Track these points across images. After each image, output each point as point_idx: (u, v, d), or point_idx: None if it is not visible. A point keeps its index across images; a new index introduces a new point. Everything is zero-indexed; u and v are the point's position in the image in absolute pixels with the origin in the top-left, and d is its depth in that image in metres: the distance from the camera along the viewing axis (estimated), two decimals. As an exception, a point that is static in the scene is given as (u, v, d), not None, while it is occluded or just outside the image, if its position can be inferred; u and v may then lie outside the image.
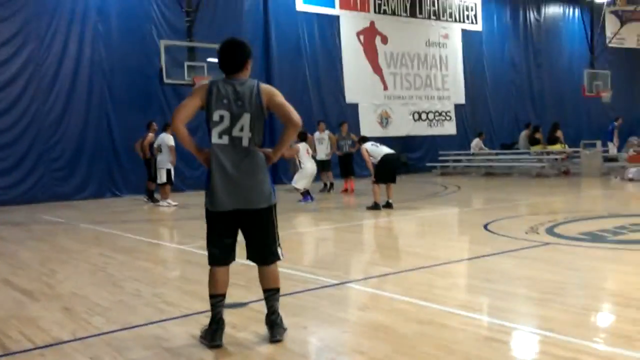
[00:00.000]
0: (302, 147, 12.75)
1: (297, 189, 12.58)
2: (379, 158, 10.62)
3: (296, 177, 12.72)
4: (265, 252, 3.74)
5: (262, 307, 4.44)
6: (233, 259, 3.74)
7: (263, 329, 3.81)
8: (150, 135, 13.61)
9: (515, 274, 5.31)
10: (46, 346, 3.79)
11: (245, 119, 3.60)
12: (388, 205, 10.56)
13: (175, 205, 12.72)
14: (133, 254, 7.19)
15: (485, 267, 5.66)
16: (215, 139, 3.59)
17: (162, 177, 12.81)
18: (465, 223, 9.13)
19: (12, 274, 6.12)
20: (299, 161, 12.71)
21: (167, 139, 12.63)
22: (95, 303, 4.79)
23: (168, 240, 8.73)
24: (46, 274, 6.09)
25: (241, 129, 3.59)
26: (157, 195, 13.54)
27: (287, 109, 3.65)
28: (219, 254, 3.68)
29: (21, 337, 3.98)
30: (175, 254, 7.36)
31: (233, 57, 3.71)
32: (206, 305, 4.12)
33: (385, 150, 10.78)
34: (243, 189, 3.58)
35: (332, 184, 14.94)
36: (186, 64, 15.66)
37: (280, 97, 3.70)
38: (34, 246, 8.05)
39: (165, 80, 15.44)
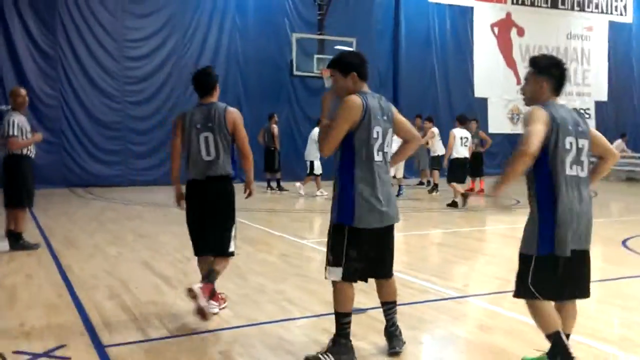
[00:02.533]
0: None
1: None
2: (454, 155, 11.19)
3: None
4: (388, 265, 3.75)
5: (381, 316, 4.50)
6: None
7: (381, 339, 3.85)
8: (274, 126, 14.07)
9: (654, 303, 4.92)
10: (181, 335, 4.10)
11: (390, 134, 3.63)
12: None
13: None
14: (257, 245, 7.54)
15: (620, 292, 5.30)
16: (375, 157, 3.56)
17: (317, 169, 13.23)
18: (599, 237, 8.49)
19: (152, 258, 6.68)
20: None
21: (314, 133, 12.92)
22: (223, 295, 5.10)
23: (290, 234, 9.03)
24: (181, 260, 6.56)
25: (388, 145, 3.62)
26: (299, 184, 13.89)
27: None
28: (361, 269, 3.55)
29: (159, 324, 4.34)
30: (296, 248, 7.60)
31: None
32: (325, 308, 4.26)
33: (461, 151, 11.27)
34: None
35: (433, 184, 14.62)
36: (316, 56, 15.98)
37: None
38: (171, 230, 8.68)
39: (295, 72, 15.88)
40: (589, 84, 21.71)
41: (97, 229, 8.71)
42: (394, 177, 12.87)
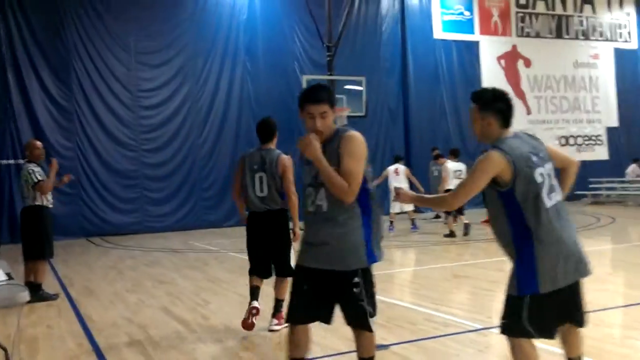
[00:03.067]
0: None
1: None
2: (447, 187, 11.55)
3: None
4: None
5: (405, 351, 4.45)
6: None
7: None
8: None
9: (683, 328, 4.81)
10: (202, 379, 4.07)
11: None
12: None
13: None
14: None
15: (648, 318, 5.19)
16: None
17: None
18: (622, 262, 8.42)
19: (171, 303, 6.67)
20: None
21: None
22: (244, 337, 5.07)
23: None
24: (200, 304, 6.55)
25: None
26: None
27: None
28: None
29: (180, 368, 4.32)
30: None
31: None
32: (348, 346, 4.21)
33: (454, 184, 11.29)
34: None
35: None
36: (326, 97, 16.19)
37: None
38: (189, 275, 8.70)
39: (307, 113, 16.08)
40: (598, 111, 21.72)
41: (116, 277, 8.74)
42: (402, 212, 13.12)
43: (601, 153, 21.68)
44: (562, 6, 21.30)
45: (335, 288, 3.22)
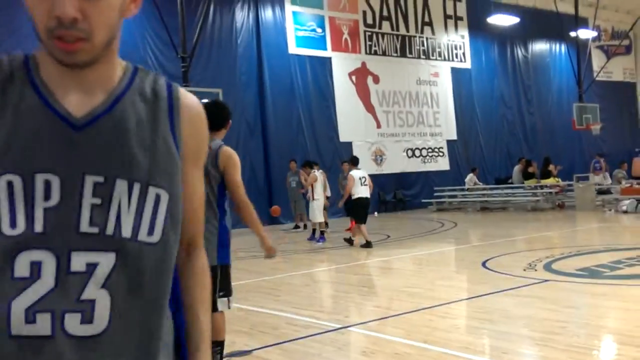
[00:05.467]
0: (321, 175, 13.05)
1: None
2: (356, 195, 11.13)
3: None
4: None
5: (267, 355, 4.51)
6: None
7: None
8: None
9: (515, 314, 5.37)
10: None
11: None
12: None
13: None
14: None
15: (485, 307, 5.72)
16: None
17: None
18: (463, 261, 9.20)
19: None
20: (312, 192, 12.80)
21: None
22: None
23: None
24: None
25: None
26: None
27: None
28: None
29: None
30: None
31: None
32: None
33: (362, 191, 11.14)
34: None
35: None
36: (182, 108, 15.89)
37: None
38: None
39: (162, 125, 15.64)
40: (439, 125, 23.53)
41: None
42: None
43: (443, 164, 23.49)
44: (405, 27, 22.87)
45: None
